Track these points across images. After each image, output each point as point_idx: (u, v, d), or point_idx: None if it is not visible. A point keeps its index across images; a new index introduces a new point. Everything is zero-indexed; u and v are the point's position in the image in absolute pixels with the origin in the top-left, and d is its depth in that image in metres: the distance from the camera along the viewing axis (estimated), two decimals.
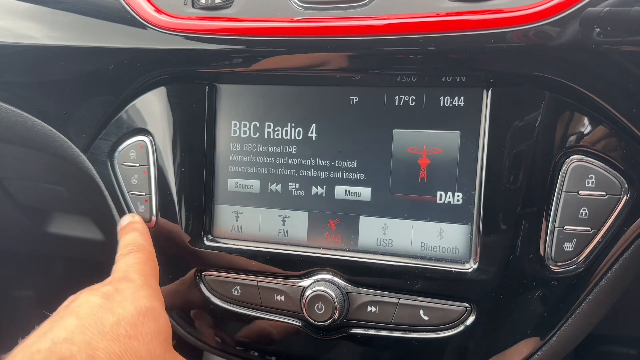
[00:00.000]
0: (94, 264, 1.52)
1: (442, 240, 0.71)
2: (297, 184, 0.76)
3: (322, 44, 0.69)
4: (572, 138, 0.65)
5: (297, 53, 0.71)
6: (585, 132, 0.64)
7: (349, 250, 0.74)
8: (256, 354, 0.80)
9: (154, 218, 0.80)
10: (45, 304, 1.56)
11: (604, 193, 0.64)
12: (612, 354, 1.36)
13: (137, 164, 0.80)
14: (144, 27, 0.75)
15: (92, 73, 0.80)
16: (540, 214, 0.66)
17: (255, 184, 0.78)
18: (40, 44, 0.82)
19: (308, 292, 0.72)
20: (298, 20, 0.69)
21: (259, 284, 0.76)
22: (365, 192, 0.74)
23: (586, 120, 0.64)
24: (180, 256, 0.79)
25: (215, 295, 0.79)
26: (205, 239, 0.79)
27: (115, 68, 0.78)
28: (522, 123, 0.66)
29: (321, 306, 0.71)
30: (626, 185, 0.64)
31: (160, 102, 0.78)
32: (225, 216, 0.79)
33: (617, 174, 0.64)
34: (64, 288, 1.61)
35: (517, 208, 0.66)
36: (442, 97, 0.70)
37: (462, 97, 0.69)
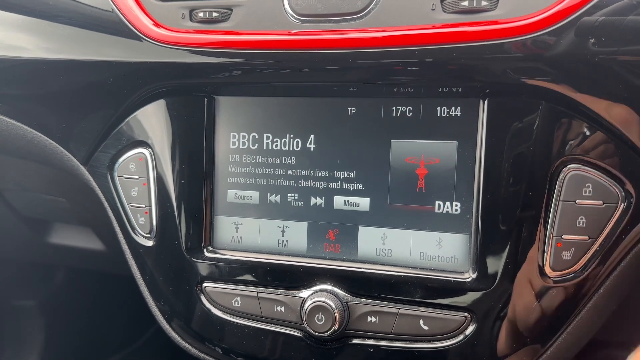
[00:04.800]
0: (95, 274, 1.53)
1: (441, 250, 0.72)
2: (296, 195, 0.77)
3: (319, 57, 0.69)
4: (569, 147, 0.65)
5: (294, 65, 0.71)
6: (581, 142, 0.65)
7: (349, 261, 0.75)
8: None
9: (154, 230, 0.80)
10: (47, 313, 1.57)
11: (601, 202, 0.65)
12: (613, 358, 1.36)
13: (137, 177, 0.81)
14: (142, 40, 0.75)
15: (91, 86, 0.81)
16: (538, 223, 0.66)
17: (255, 195, 0.79)
18: (39, 57, 0.83)
19: (308, 303, 0.72)
20: (295, 33, 0.69)
21: (259, 295, 0.76)
22: (364, 203, 0.74)
23: (582, 130, 0.65)
24: (181, 268, 0.79)
25: (215, 307, 0.79)
26: (205, 250, 0.79)
27: (114, 81, 0.79)
28: (518, 133, 0.66)
29: (321, 317, 0.71)
30: (623, 194, 0.64)
31: (159, 114, 0.79)
32: (225, 227, 0.80)
33: (614, 183, 0.65)
34: (65, 298, 1.62)
35: (515, 217, 0.67)
36: (439, 108, 0.71)
37: (458, 108, 0.70)
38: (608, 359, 1.36)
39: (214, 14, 0.73)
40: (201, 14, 0.73)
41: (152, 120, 0.79)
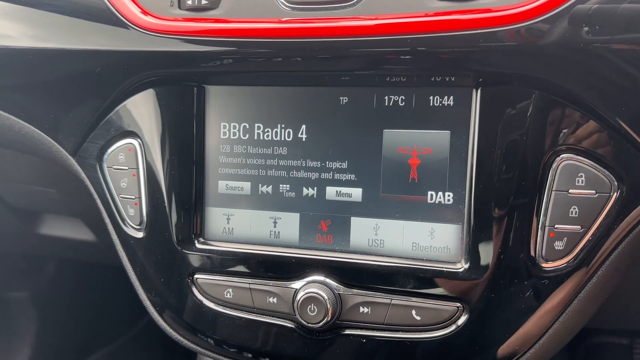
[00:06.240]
0: (86, 264, 1.53)
1: (433, 240, 0.71)
2: (288, 186, 0.76)
3: (311, 45, 0.68)
4: (562, 137, 0.65)
5: (286, 54, 0.70)
6: (574, 131, 0.64)
7: (341, 252, 0.74)
8: (250, 355, 0.80)
9: (144, 221, 0.79)
10: (39, 305, 1.56)
11: (594, 191, 0.64)
12: (604, 344, 1.37)
13: (127, 167, 0.80)
14: (129, 28, 0.74)
15: (78, 76, 0.80)
16: (531, 213, 0.66)
17: (246, 185, 0.78)
18: (25, 46, 0.81)
19: (300, 294, 0.72)
20: (286, 22, 0.68)
21: (251, 286, 0.76)
22: (356, 193, 0.74)
23: (576, 119, 0.64)
24: (172, 260, 0.79)
25: (207, 299, 0.78)
26: (196, 241, 0.79)
27: (102, 70, 0.77)
28: (511, 122, 0.65)
29: (313, 308, 0.71)
30: (616, 184, 0.64)
31: (148, 104, 0.78)
32: (216, 218, 0.79)
33: (607, 172, 0.64)
34: (57, 289, 1.61)
35: (508, 207, 0.66)
36: (431, 97, 0.70)
37: (451, 97, 0.69)
38: (599, 346, 1.37)
39: (203, 2, 0.71)
40: (190, 2, 0.72)
41: (141, 110, 0.78)
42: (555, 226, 0.65)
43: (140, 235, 0.80)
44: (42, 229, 1.32)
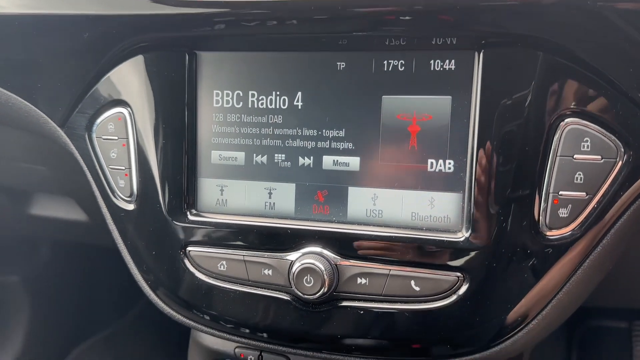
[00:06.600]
0: (79, 246, 1.50)
1: (433, 210, 0.69)
2: (284, 155, 0.74)
3: (306, 5, 0.65)
4: (567, 101, 0.62)
5: (281, 15, 0.68)
6: (580, 95, 0.62)
7: (338, 222, 0.72)
8: (247, 330, 0.78)
9: (134, 193, 0.77)
10: (32, 288, 1.54)
11: (599, 157, 0.62)
12: (602, 327, 1.36)
13: (116, 137, 0.77)
14: None
15: (66, 42, 0.77)
16: (534, 179, 0.64)
17: (240, 155, 0.75)
18: (10, 12, 0.79)
19: (296, 266, 0.70)
20: None
21: (246, 258, 0.73)
22: (354, 162, 0.72)
23: (581, 82, 0.62)
24: (164, 232, 0.76)
25: (200, 271, 0.76)
26: (188, 213, 0.76)
27: (89, 36, 0.75)
28: (515, 86, 0.63)
29: (310, 279, 0.69)
30: (622, 149, 0.62)
31: (138, 71, 0.75)
32: (210, 190, 0.77)
33: (613, 137, 0.62)
34: (50, 271, 1.59)
35: (511, 174, 0.64)
36: (432, 61, 0.68)
37: (452, 61, 0.67)
38: (598, 329, 1.37)
39: None
40: None
41: (131, 77, 0.75)
42: (560, 193, 0.63)
43: (130, 207, 0.78)
44: (33, 209, 1.29)
